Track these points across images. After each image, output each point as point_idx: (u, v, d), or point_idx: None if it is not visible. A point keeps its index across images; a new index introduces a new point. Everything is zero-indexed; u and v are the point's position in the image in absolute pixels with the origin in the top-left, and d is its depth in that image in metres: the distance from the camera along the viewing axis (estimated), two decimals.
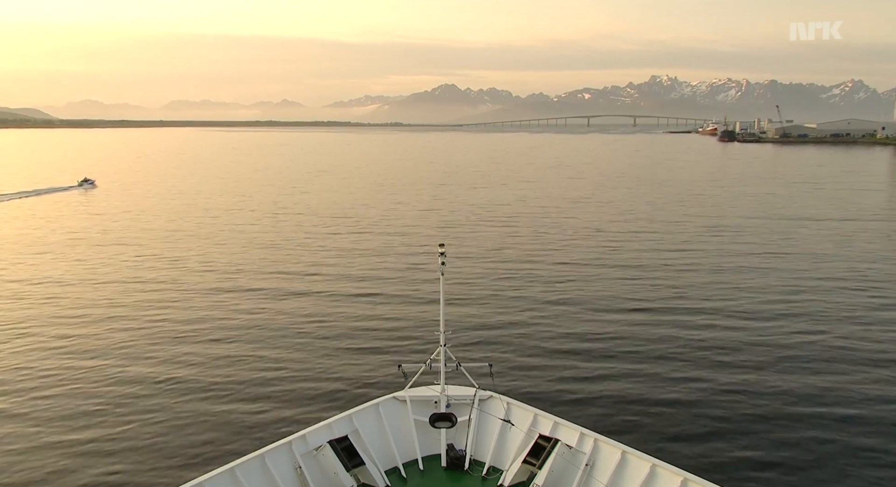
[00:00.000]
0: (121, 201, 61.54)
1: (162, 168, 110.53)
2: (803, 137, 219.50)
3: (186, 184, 79.75)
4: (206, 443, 14.97)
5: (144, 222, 48.55)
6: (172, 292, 28.18)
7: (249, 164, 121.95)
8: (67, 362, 19.99)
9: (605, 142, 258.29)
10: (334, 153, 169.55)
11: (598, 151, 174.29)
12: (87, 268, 32.80)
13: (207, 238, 41.06)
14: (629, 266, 32.85)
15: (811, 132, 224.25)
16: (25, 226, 47.29)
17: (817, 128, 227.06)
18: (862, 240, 40.47)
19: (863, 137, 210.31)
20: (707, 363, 19.75)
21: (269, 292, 28.20)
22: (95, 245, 38.94)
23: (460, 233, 42.97)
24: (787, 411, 16.50)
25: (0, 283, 29.97)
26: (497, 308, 25.57)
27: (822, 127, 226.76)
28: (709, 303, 26.10)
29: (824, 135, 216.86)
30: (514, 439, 11.69)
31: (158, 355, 20.62)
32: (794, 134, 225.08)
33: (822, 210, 54.15)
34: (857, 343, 21.26)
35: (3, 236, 42.52)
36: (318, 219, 49.78)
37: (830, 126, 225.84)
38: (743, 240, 40.16)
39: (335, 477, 10.73)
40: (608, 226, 45.86)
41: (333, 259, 34.91)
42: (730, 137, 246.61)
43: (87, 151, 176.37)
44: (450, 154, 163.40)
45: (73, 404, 17.02)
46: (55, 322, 23.95)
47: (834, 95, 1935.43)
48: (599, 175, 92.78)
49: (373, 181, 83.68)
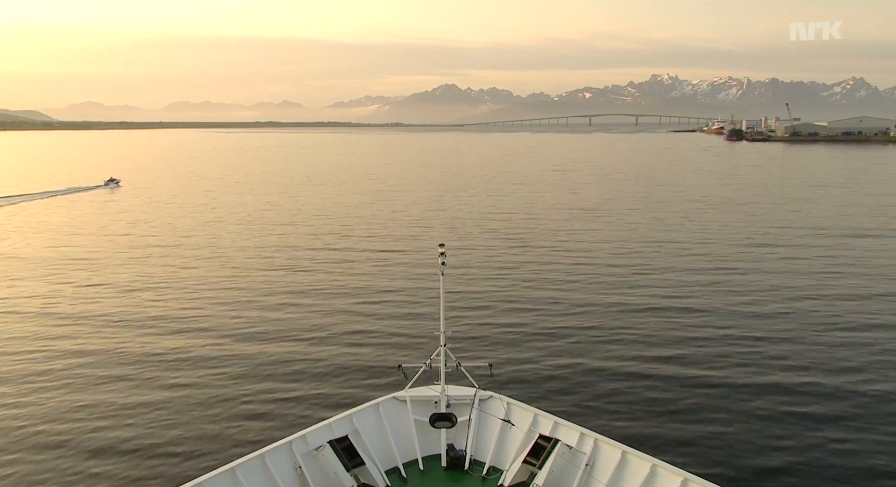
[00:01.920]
0: (147, 199, 64.06)
1: (176, 168, 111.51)
2: (814, 136, 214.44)
3: (201, 184, 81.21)
4: (205, 443, 14.97)
5: (169, 216, 51.79)
6: (169, 289, 28.19)
7: (252, 166, 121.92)
8: (49, 363, 20.01)
9: (611, 141, 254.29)
10: (337, 154, 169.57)
11: (609, 151, 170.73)
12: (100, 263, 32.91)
13: (209, 235, 41.10)
14: (638, 268, 32.83)
15: (822, 131, 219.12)
16: (73, 221, 50.26)
17: (828, 126, 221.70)
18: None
19: (875, 135, 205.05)
20: (717, 365, 19.70)
21: (269, 291, 28.20)
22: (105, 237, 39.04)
23: (460, 233, 42.99)
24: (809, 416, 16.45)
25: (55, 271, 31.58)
26: (497, 308, 25.55)
27: (833, 125, 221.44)
28: (718, 304, 26.08)
29: (835, 133, 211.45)
30: (514, 439, 11.69)
31: (157, 355, 20.63)
32: (805, 133, 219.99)
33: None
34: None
35: (57, 229, 46.14)
36: (317, 219, 49.82)
37: (841, 124, 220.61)
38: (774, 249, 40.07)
39: (335, 477, 10.74)
40: (622, 229, 45.80)
41: (334, 259, 34.90)
42: (738, 135, 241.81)
43: (89, 154, 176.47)
44: (461, 155, 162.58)
45: (71, 400, 17.05)
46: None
47: (835, 94, 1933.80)
48: (612, 175, 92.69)
49: (387, 185, 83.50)
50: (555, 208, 55.72)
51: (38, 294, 28.17)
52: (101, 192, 71.06)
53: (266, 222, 48.73)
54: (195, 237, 41.77)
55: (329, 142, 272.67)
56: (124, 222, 48.95)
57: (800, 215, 50.33)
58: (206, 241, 40.50)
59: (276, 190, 72.30)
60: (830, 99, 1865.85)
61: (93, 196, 67.15)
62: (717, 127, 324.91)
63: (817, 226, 44.58)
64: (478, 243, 39.47)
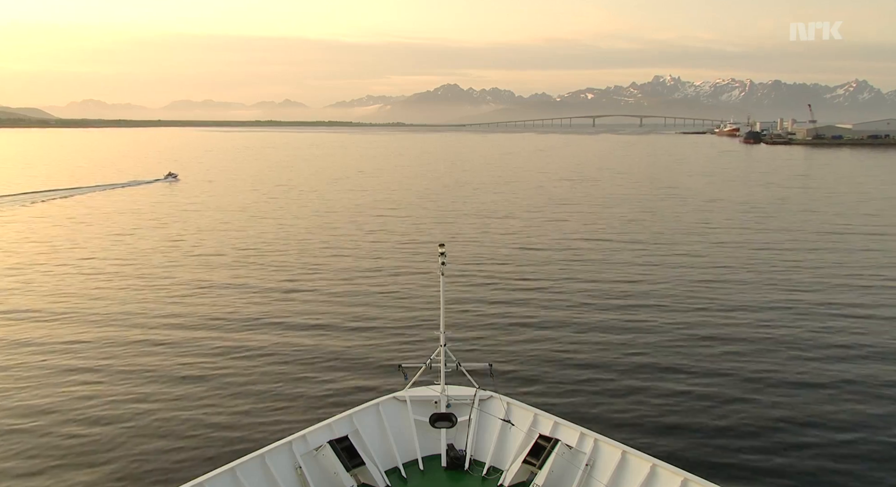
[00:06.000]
0: (204, 192, 68.62)
1: (214, 165, 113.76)
2: (838, 139, 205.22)
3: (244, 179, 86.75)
4: (205, 443, 14.99)
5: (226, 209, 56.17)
6: (164, 288, 28.21)
7: (253, 165, 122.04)
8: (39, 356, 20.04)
9: (624, 143, 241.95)
10: (341, 155, 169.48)
11: (627, 154, 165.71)
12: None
13: (215, 232, 41.16)
14: (650, 267, 32.78)
15: (846, 133, 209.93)
16: (149, 210, 54.94)
17: (853, 129, 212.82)
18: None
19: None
20: (717, 367, 19.68)
21: (269, 291, 28.21)
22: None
23: (462, 233, 42.99)
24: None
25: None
26: (498, 308, 25.53)
27: (859, 127, 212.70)
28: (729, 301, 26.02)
29: (861, 136, 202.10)
30: (514, 439, 11.69)
31: (155, 353, 20.64)
32: (828, 135, 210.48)
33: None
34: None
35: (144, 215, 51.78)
36: (318, 219, 49.84)
37: (867, 127, 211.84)
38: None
39: (335, 477, 10.74)
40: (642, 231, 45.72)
41: (334, 259, 34.92)
42: (755, 138, 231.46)
43: (91, 154, 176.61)
44: (480, 158, 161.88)
45: (70, 398, 17.10)
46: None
47: (838, 96, 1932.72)
48: (626, 179, 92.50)
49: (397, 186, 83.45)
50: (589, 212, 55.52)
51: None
52: (161, 185, 75.96)
53: (265, 222, 48.75)
54: (187, 239, 41.82)
55: (343, 142, 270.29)
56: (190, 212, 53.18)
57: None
58: (196, 241, 40.52)
59: (276, 191, 72.41)
60: (833, 101, 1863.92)
61: (155, 188, 72.76)
62: (729, 128, 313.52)
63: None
64: (478, 243, 39.48)
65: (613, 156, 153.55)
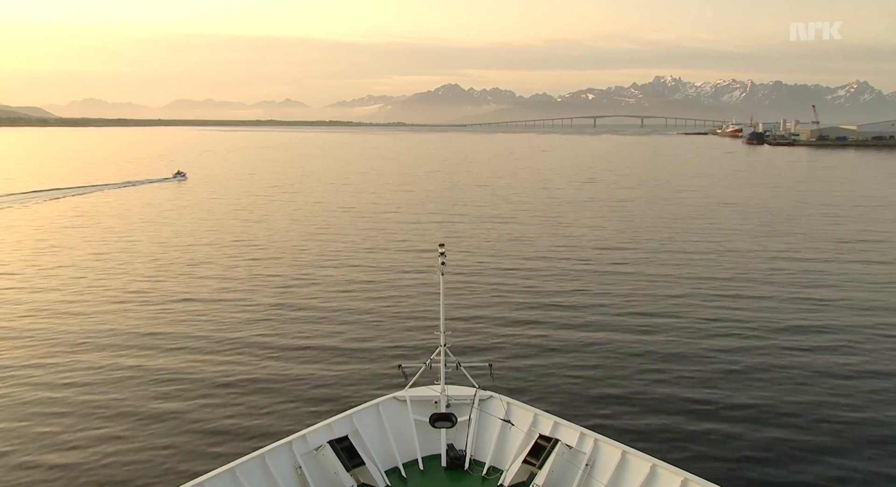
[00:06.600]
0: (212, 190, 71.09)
1: (217, 164, 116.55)
2: (842, 140, 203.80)
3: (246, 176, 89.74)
4: (205, 443, 14.99)
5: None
6: (159, 291, 28.23)
7: (258, 163, 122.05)
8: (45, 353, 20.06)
9: (628, 144, 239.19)
10: (340, 155, 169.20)
11: (632, 155, 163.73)
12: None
13: (210, 233, 41.18)
14: (644, 269, 32.79)
15: (850, 134, 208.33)
16: (165, 205, 57.79)
17: (857, 130, 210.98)
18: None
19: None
20: (718, 369, 19.66)
21: (268, 291, 28.21)
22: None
23: (462, 233, 42.98)
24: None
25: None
26: (498, 308, 25.53)
27: (863, 129, 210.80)
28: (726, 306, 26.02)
29: (865, 137, 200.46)
30: (514, 439, 11.69)
31: (153, 353, 20.65)
32: (833, 137, 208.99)
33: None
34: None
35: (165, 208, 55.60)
36: (317, 219, 49.85)
37: (872, 128, 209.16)
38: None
39: (335, 477, 10.74)
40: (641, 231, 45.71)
41: (334, 259, 34.92)
42: (759, 139, 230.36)
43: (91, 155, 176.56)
44: (486, 160, 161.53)
45: (72, 399, 17.11)
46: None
47: (839, 97, 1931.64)
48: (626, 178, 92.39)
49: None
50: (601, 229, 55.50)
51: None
52: (172, 183, 78.82)
53: (264, 221, 48.77)
54: (178, 239, 41.84)
55: (348, 141, 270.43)
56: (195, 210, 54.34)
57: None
58: (200, 239, 40.53)
59: (277, 191, 72.45)
60: (834, 102, 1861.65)
61: (166, 186, 75.25)
62: (732, 129, 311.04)
63: None
64: (478, 242, 39.47)
65: (618, 156, 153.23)
